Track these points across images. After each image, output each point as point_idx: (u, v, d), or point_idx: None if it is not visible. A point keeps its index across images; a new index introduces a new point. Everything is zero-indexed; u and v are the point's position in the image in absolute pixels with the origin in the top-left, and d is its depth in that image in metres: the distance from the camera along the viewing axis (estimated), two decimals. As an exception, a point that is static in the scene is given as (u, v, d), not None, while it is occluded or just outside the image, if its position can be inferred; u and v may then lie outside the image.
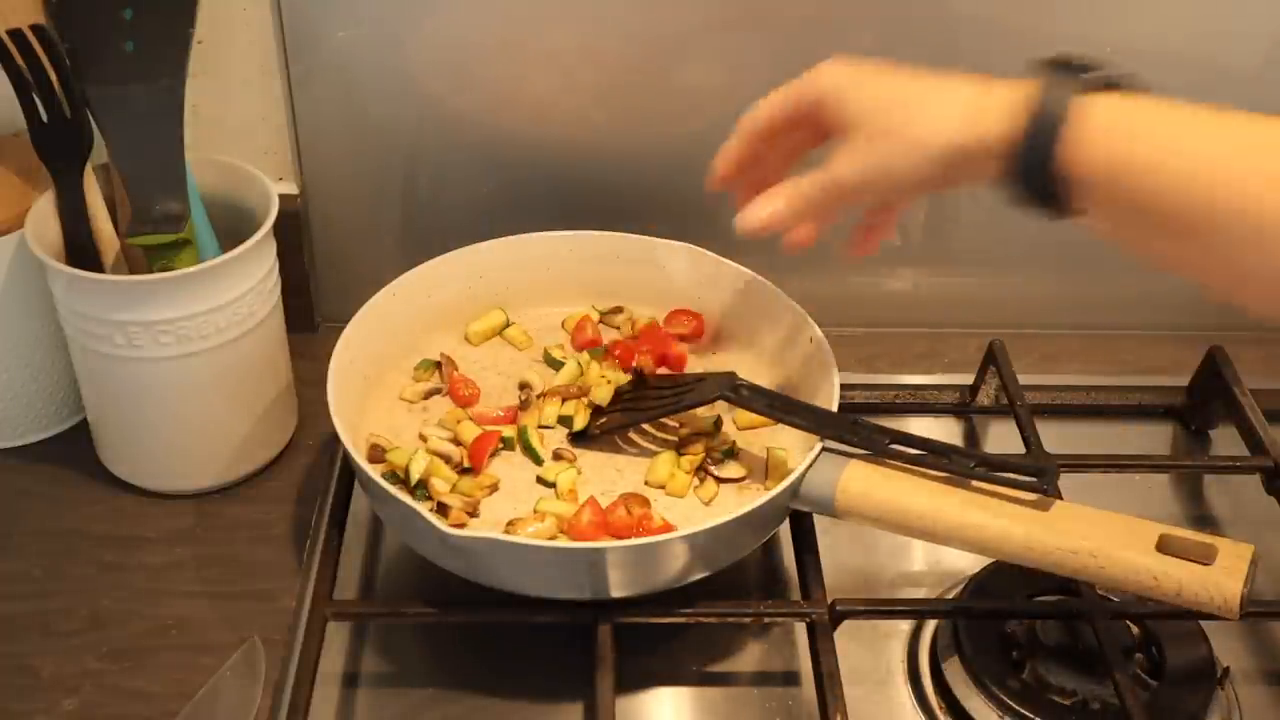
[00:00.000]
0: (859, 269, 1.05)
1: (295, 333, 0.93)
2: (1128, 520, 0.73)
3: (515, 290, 0.94)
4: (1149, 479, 0.94)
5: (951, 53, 0.93)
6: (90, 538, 0.87)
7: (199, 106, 0.93)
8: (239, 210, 0.89)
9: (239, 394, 0.87)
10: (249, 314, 0.84)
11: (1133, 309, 1.07)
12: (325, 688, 0.76)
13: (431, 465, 0.81)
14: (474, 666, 0.79)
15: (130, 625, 0.81)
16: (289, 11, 0.91)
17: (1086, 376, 1.02)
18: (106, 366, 0.84)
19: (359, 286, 0.88)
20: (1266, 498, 0.87)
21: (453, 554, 0.74)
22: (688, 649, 0.80)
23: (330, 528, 0.81)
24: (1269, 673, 0.80)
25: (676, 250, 0.93)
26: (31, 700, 0.76)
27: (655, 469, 0.83)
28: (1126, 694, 0.71)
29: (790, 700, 0.77)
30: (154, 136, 0.84)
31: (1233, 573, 0.69)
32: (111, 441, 0.90)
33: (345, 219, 1.01)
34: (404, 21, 0.92)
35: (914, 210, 1.03)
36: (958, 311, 1.07)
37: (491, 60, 0.94)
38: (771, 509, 0.75)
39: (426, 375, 0.90)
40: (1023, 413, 0.88)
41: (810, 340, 0.86)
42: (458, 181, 1.00)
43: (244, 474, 0.91)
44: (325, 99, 0.95)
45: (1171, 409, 0.99)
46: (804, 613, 0.76)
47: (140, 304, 0.80)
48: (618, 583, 0.74)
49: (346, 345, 0.83)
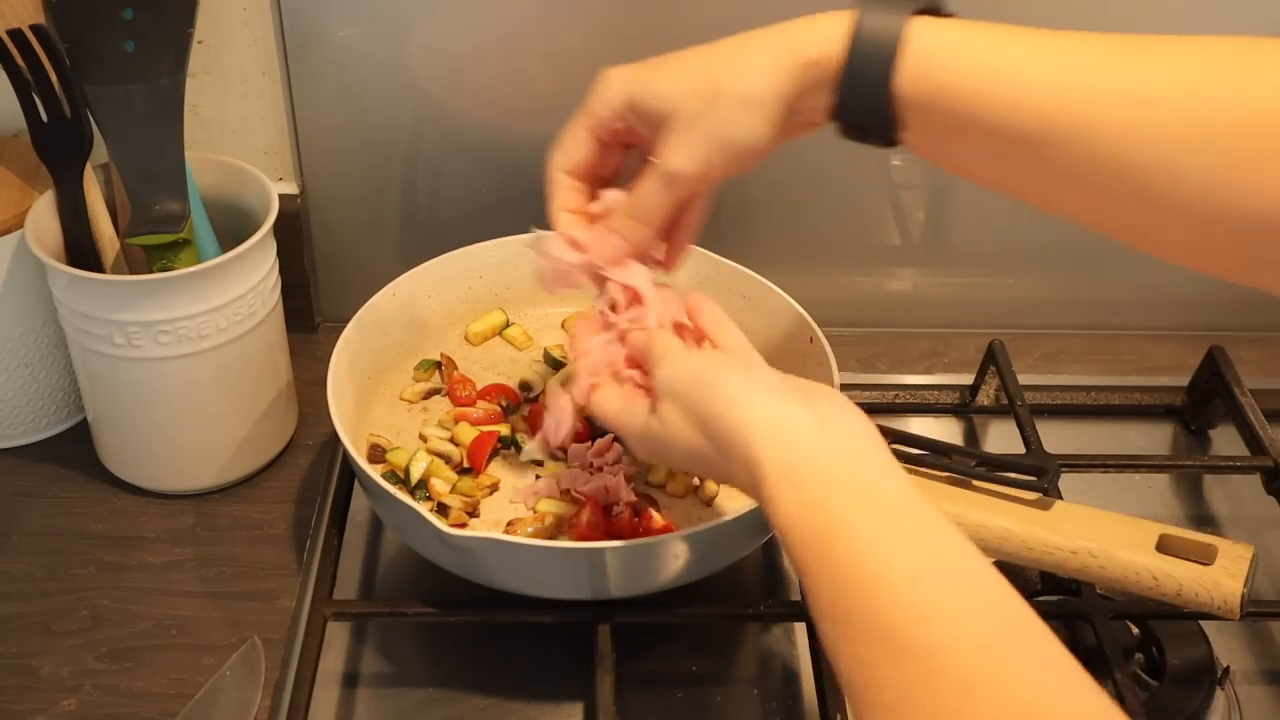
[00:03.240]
0: (859, 269, 1.06)
1: (295, 333, 0.93)
2: (1128, 520, 0.73)
3: (515, 290, 0.94)
4: (1149, 479, 0.94)
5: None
6: (90, 538, 0.87)
7: (199, 106, 0.94)
8: (239, 210, 0.89)
9: (239, 394, 0.87)
10: (249, 314, 0.84)
11: (1133, 309, 1.07)
12: (325, 688, 0.76)
13: (431, 465, 0.82)
14: (474, 666, 0.79)
15: (130, 625, 0.81)
16: (289, 11, 0.91)
17: (1086, 376, 1.02)
18: (106, 366, 0.84)
19: (359, 286, 0.88)
20: (1266, 498, 0.87)
21: (453, 554, 0.74)
22: (688, 649, 0.80)
23: (330, 528, 0.81)
24: (1269, 673, 0.80)
25: (676, 250, 0.93)
26: (31, 700, 0.76)
27: (655, 469, 0.83)
28: (1126, 694, 0.71)
29: (790, 700, 0.77)
30: (154, 136, 0.84)
31: (1233, 573, 0.69)
32: (111, 441, 0.90)
33: (345, 219, 1.01)
34: (404, 21, 0.92)
35: (914, 210, 1.03)
36: (958, 311, 1.07)
37: (491, 61, 0.94)
38: (771, 509, 0.75)
39: (426, 375, 0.90)
40: (1023, 413, 0.88)
41: (810, 340, 0.86)
42: (458, 181, 1.00)
43: (244, 474, 0.91)
44: (325, 99, 0.95)
45: (1171, 409, 0.99)
46: (804, 613, 0.76)
47: (140, 304, 0.80)
48: (618, 583, 0.73)
49: (346, 345, 0.83)
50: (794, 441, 0.55)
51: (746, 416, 0.57)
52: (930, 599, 0.48)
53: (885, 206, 1.03)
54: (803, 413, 0.56)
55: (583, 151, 0.68)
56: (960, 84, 0.57)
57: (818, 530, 0.52)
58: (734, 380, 0.60)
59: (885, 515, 0.52)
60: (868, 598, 0.49)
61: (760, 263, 0.91)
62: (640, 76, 0.65)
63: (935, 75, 0.58)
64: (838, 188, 1.00)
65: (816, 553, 0.51)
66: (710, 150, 0.63)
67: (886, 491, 0.53)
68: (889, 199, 1.03)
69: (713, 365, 0.62)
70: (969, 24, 0.59)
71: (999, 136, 0.57)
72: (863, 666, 0.48)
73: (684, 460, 0.63)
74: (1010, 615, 0.48)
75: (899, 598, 0.48)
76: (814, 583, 0.51)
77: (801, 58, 0.60)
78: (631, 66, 0.66)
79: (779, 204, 1.00)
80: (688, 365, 0.63)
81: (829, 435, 0.55)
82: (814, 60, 0.60)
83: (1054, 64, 0.56)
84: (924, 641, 0.46)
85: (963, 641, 0.46)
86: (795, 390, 0.59)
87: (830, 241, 1.04)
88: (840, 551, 0.50)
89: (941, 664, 0.46)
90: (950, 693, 0.45)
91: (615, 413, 0.67)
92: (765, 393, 0.58)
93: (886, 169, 1.01)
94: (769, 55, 0.61)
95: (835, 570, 0.50)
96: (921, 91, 0.58)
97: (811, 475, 0.54)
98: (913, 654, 0.46)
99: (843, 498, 0.52)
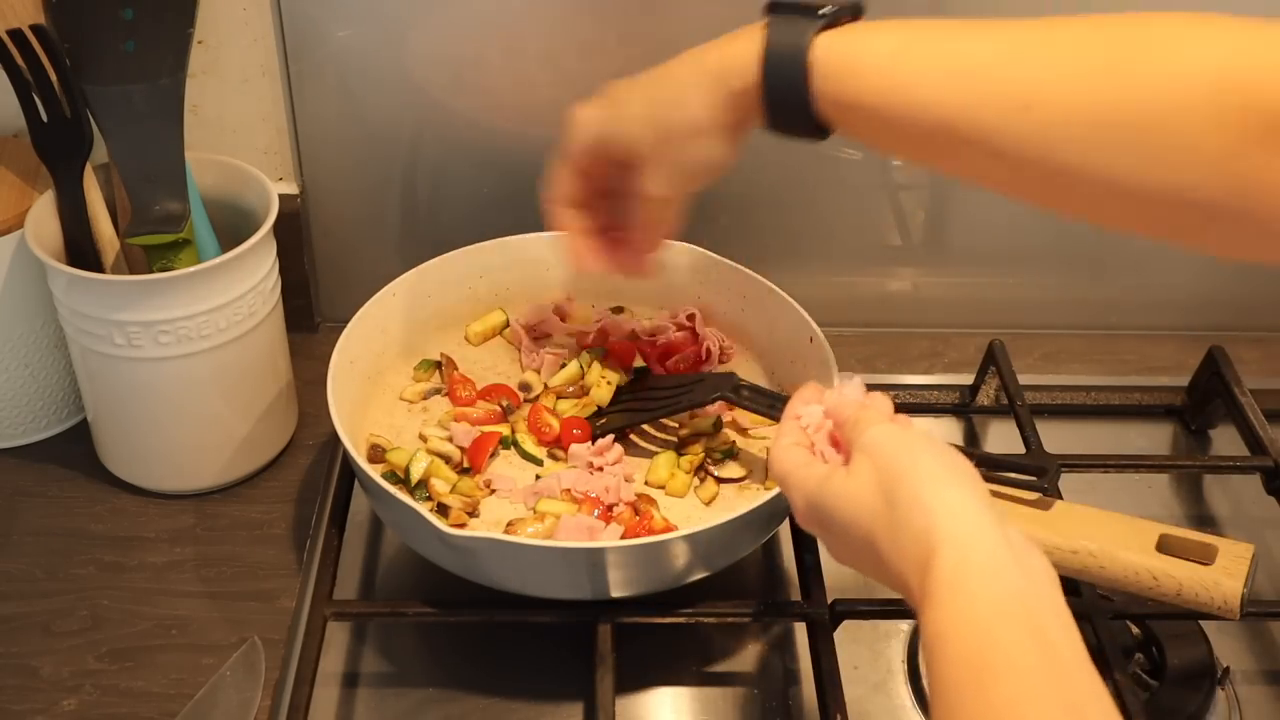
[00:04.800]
0: (859, 269, 1.06)
1: (295, 333, 0.93)
2: (1128, 520, 0.73)
3: (515, 290, 0.94)
4: (1149, 479, 0.94)
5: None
6: (90, 538, 0.87)
7: (199, 106, 0.94)
8: (239, 210, 0.89)
9: (239, 394, 0.87)
10: (249, 314, 0.84)
11: (1133, 309, 1.07)
12: (325, 688, 0.76)
13: (431, 465, 0.82)
14: (474, 666, 0.79)
15: (130, 625, 0.81)
16: (289, 11, 0.91)
17: (1086, 376, 1.02)
18: (106, 366, 0.84)
19: (359, 286, 0.88)
20: (1266, 498, 0.87)
21: (453, 554, 0.74)
22: (688, 649, 0.80)
23: (330, 528, 0.81)
24: (1269, 673, 0.80)
25: (676, 250, 0.93)
26: (31, 700, 0.76)
27: (655, 469, 0.83)
28: (1126, 694, 0.71)
29: (790, 700, 0.77)
30: (154, 136, 0.84)
31: (1233, 573, 0.69)
32: (111, 441, 0.90)
33: (345, 219, 1.01)
34: (404, 21, 0.92)
35: (914, 210, 1.03)
36: (958, 311, 1.07)
37: (491, 60, 0.94)
38: (771, 509, 0.75)
39: (426, 375, 0.90)
40: (1023, 413, 0.88)
41: (810, 340, 0.86)
42: (458, 181, 1.00)
43: (244, 474, 0.91)
44: (325, 99, 0.95)
45: (1171, 409, 0.99)
46: (804, 613, 0.76)
47: (140, 304, 0.80)
48: (618, 583, 0.73)
49: (346, 345, 0.83)
50: (980, 540, 0.52)
51: (941, 496, 0.54)
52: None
53: (885, 206, 1.03)
54: (995, 523, 0.53)
55: (570, 185, 0.76)
56: (864, 99, 0.62)
57: (976, 651, 0.48)
58: (941, 463, 0.56)
59: (1049, 664, 0.48)
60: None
61: (760, 263, 0.91)
62: (604, 116, 0.72)
63: (842, 91, 0.62)
64: (838, 188, 1.00)
65: (966, 676, 0.48)
66: (676, 176, 0.71)
67: (1053, 637, 0.49)
68: (889, 199, 1.03)
69: (925, 442, 0.58)
70: (870, 31, 0.63)
71: (911, 137, 0.62)
72: None
73: (849, 525, 0.57)
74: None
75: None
76: (953, 702, 0.48)
77: (728, 89, 0.66)
78: (597, 105, 0.72)
79: (779, 204, 1.00)
80: (900, 433, 0.59)
81: (1013, 555, 0.52)
82: (739, 90, 0.65)
83: (945, 70, 0.60)
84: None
85: None
86: (994, 504, 0.55)
87: (830, 241, 1.04)
88: (999, 691, 0.47)
89: None
90: None
91: (793, 466, 0.62)
92: (967, 487, 0.55)
93: (887, 169, 1.01)
94: (700, 90, 0.67)
95: (983, 702, 0.47)
96: (834, 102, 0.63)
97: (986, 586, 0.50)
98: None
99: (1012, 628, 0.49)
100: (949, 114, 0.59)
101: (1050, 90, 0.57)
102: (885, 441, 0.58)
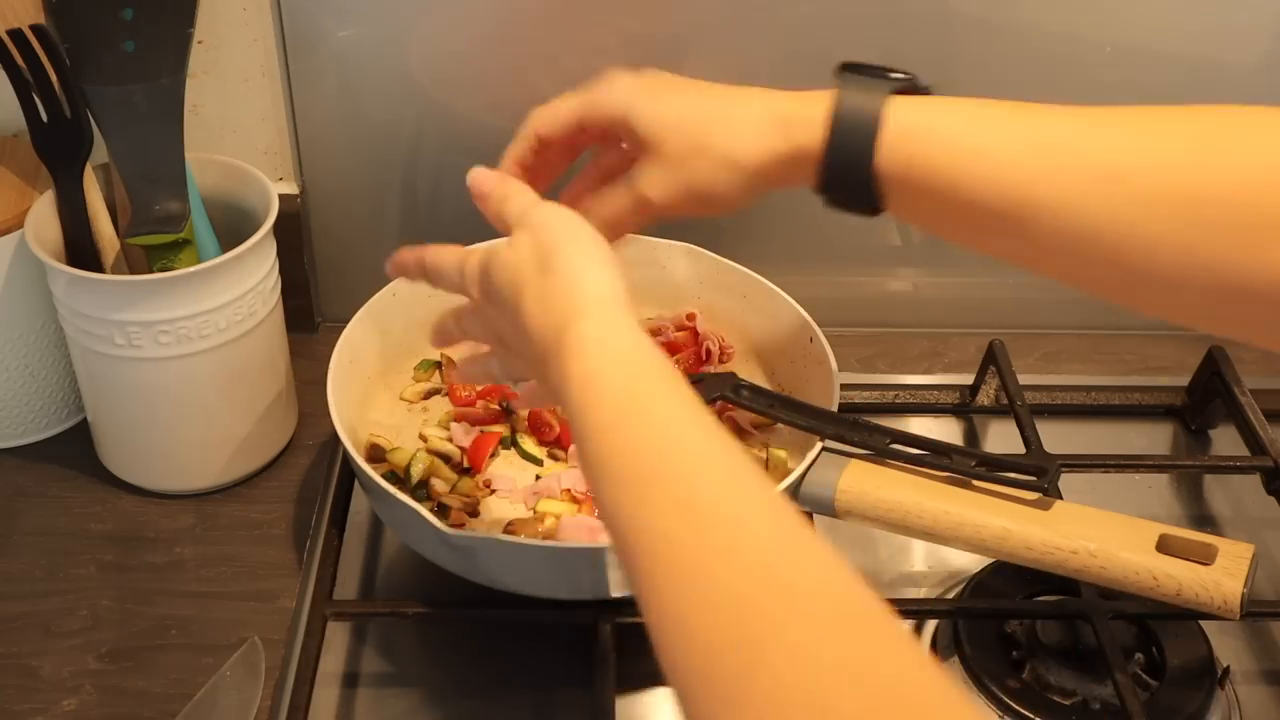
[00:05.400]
0: (859, 269, 1.06)
1: (295, 333, 0.93)
2: (1128, 520, 0.73)
3: (515, 290, 0.94)
4: (1149, 479, 0.94)
5: (952, 53, 0.94)
6: (90, 538, 0.87)
7: (199, 106, 0.94)
8: (239, 210, 0.89)
9: (239, 394, 0.87)
10: (249, 314, 0.84)
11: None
12: (325, 688, 0.76)
13: (431, 465, 0.82)
14: (474, 666, 0.79)
15: (130, 625, 0.81)
16: (289, 11, 0.91)
17: (1086, 376, 1.02)
18: (106, 366, 0.84)
19: (359, 286, 0.88)
20: (1266, 498, 0.86)
21: (453, 554, 0.74)
22: (688, 649, 0.80)
23: (330, 528, 0.81)
24: (1269, 673, 0.80)
25: (676, 250, 0.93)
26: (31, 700, 0.76)
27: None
28: (1126, 694, 0.71)
29: (790, 700, 0.77)
30: (154, 136, 0.84)
31: (1233, 573, 0.69)
32: (111, 441, 0.90)
33: (345, 219, 1.01)
34: (404, 21, 0.92)
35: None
36: (958, 311, 1.07)
37: (491, 60, 0.94)
38: (771, 509, 0.75)
39: (426, 375, 0.90)
40: (1023, 413, 0.88)
41: (810, 340, 0.86)
42: (458, 181, 0.99)
43: (244, 474, 0.91)
44: (325, 99, 0.95)
45: (1171, 409, 0.99)
46: (804, 613, 0.76)
47: (140, 304, 0.80)
48: (618, 583, 0.73)
49: (346, 345, 0.83)
50: (621, 314, 0.56)
51: (592, 270, 0.58)
52: (735, 481, 0.49)
53: (885, 206, 1.03)
54: (631, 311, 0.58)
55: (563, 126, 0.70)
56: (936, 163, 0.60)
57: (627, 388, 0.53)
58: (595, 244, 0.60)
59: (698, 411, 0.52)
60: (679, 464, 0.49)
61: (760, 263, 0.91)
62: (642, 94, 0.66)
63: (913, 155, 0.60)
64: (838, 188, 1.00)
65: (624, 407, 0.52)
66: (683, 193, 0.66)
67: (686, 390, 0.54)
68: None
69: (583, 225, 0.62)
70: (943, 102, 0.61)
71: (977, 210, 0.59)
72: (658, 532, 0.48)
73: (502, 287, 0.61)
74: (798, 525, 0.48)
75: (710, 471, 0.49)
76: (609, 439, 0.51)
77: (791, 142, 0.63)
78: (639, 78, 0.67)
79: (779, 204, 1.00)
80: (565, 212, 0.63)
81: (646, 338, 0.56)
82: (800, 145, 0.63)
83: (1025, 141, 0.58)
84: (730, 515, 0.48)
85: (762, 523, 0.47)
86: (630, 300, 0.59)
87: (830, 241, 1.03)
88: (658, 414, 0.51)
89: (744, 538, 0.47)
90: (751, 565, 0.46)
91: (452, 252, 0.69)
92: (613, 272, 0.59)
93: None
94: (760, 129, 0.64)
95: (647, 429, 0.51)
96: (900, 171, 0.60)
97: (631, 345, 0.54)
98: (720, 523, 0.47)
99: (658, 374, 0.53)
100: (1027, 178, 0.57)
101: (1140, 160, 0.56)
102: (550, 219, 0.62)
